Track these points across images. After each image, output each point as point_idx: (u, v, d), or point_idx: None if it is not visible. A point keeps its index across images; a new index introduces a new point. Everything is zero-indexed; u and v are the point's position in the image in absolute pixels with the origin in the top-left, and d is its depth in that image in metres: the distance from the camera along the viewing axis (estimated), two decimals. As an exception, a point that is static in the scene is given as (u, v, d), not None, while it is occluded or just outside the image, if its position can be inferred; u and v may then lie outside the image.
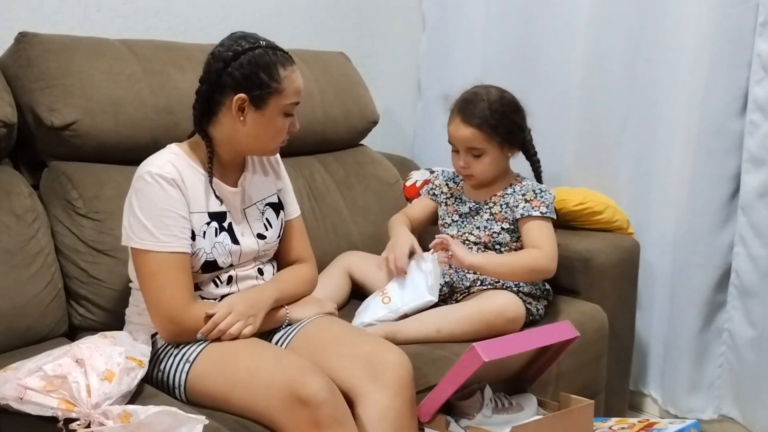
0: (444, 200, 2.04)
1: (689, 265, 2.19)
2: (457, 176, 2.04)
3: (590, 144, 2.38)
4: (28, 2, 1.92)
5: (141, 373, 1.36)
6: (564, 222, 2.20)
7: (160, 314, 1.47)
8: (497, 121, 1.85)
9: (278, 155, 1.69)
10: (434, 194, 2.07)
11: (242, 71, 1.45)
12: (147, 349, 1.44)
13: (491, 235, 1.91)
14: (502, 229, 1.91)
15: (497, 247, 1.92)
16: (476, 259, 1.82)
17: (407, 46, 2.85)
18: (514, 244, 1.92)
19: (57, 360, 1.27)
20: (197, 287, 1.53)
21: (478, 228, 1.93)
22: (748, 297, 2.10)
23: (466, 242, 1.94)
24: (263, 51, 1.47)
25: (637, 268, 2.23)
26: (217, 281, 1.56)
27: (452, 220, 1.99)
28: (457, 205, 2.00)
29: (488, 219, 1.92)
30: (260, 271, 1.63)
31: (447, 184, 2.05)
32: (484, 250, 1.92)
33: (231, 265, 1.57)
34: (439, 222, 2.04)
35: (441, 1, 2.75)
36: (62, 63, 1.76)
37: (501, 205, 1.92)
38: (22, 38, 1.77)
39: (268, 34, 1.54)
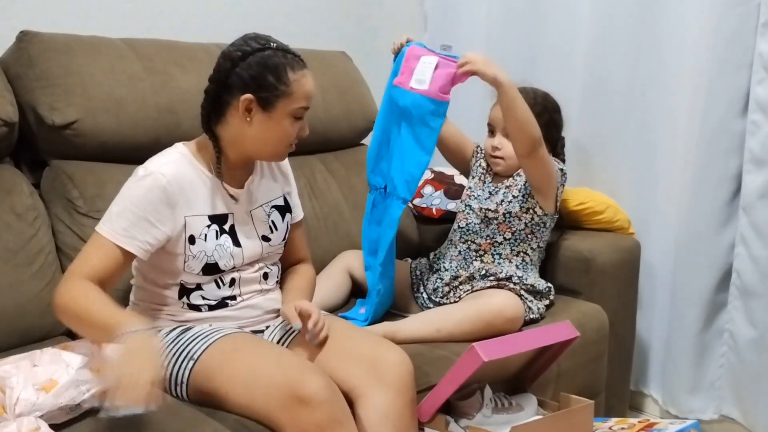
0: (477, 173, 2.08)
1: (690, 265, 2.19)
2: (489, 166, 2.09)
3: (591, 143, 2.38)
4: (30, 1, 1.92)
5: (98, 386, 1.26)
6: (565, 222, 2.20)
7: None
8: (538, 112, 1.91)
9: (286, 160, 1.65)
10: (473, 161, 2.11)
11: (250, 72, 1.44)
12: None
13: (506, 206, 1.96)
14: (513, 197, 1.96)
15: (506, 215, 1.95)
16: (502, 78, 1.77)
17: (409, 45, 2.84)
18: (524, 215, 1.95)
19: (18, 361, 1.25)
20: (198, 287, 1.53)
21: (495, 204, 1.97)
22: (749, 297, 2.10)
23: (486, 216, 1.98)
24: (272, 52, 1.46)
25: (638, 268, 2.23)
26: (219, 282, 1.55)
27: (474, 195, 2.03)
28: (482, 183, 2.05)
29: (504, 193, 1.98)
30: (265, 276, 1.62)
31: (485, 161, 2.09)
32: (497, 220, 1.96)
33: (234, 267, 1.56)
34: (465, 191, 2.09)
35: (443, 1, 2.75)
36: (64, 62, 1.76)
37: (515, 178, 1.99)
38: (24, 37, 1.77)
39: (270, 32, 1.54)
